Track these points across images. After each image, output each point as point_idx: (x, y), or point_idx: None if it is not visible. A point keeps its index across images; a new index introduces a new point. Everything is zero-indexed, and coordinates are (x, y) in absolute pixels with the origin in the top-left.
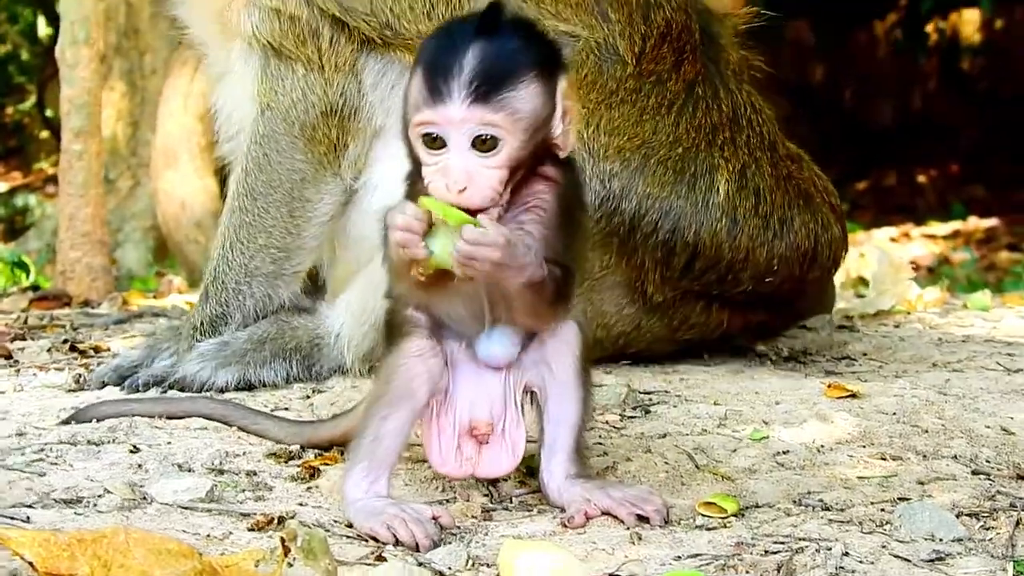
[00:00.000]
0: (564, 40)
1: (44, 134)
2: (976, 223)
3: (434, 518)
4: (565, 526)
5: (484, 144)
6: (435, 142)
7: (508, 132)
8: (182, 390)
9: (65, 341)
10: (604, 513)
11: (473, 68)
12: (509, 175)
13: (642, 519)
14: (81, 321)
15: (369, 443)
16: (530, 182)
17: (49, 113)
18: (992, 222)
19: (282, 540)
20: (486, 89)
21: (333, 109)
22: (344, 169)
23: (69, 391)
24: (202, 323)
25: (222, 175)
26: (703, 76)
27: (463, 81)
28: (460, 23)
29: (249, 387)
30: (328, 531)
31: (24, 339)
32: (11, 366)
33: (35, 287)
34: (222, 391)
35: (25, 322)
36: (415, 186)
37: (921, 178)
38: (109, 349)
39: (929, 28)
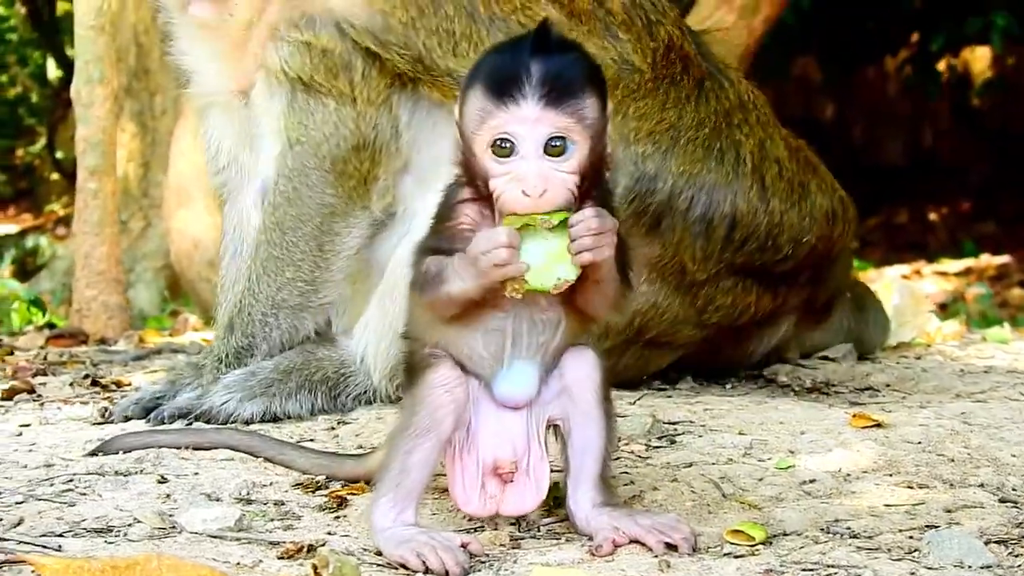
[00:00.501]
0: None
1: (54, 176)
2: (988, 260)
3: (463, 545)
4: (593, 554)
5: (555, 149)
6: (504, 149)
7: (579, 137)
8: (208, 421)
9: (86, 376)
10: (632, 541)
11: (543, 74)
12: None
13: (670, 547)
14: (100, 358)
15: (396, 475)
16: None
17: (60, 155)
18: (1004, 259)
19: (314, 567)
20: (558, 94)
21: (365, 143)
22: (373, 202)
23: (94, 424)
24: (227, 355)
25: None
26: (708, 75)
27: (535, 85)
28: (512, 43)
29: (274, 419)
30: (358, 559)
31: (45, 374)
32: (35, 400)
33: (50, 325)
34: (248, 423)
35: (44, 359)
36: (446, 221)
37: (932, 215)
38: (131, 384)
39: (940, 65)
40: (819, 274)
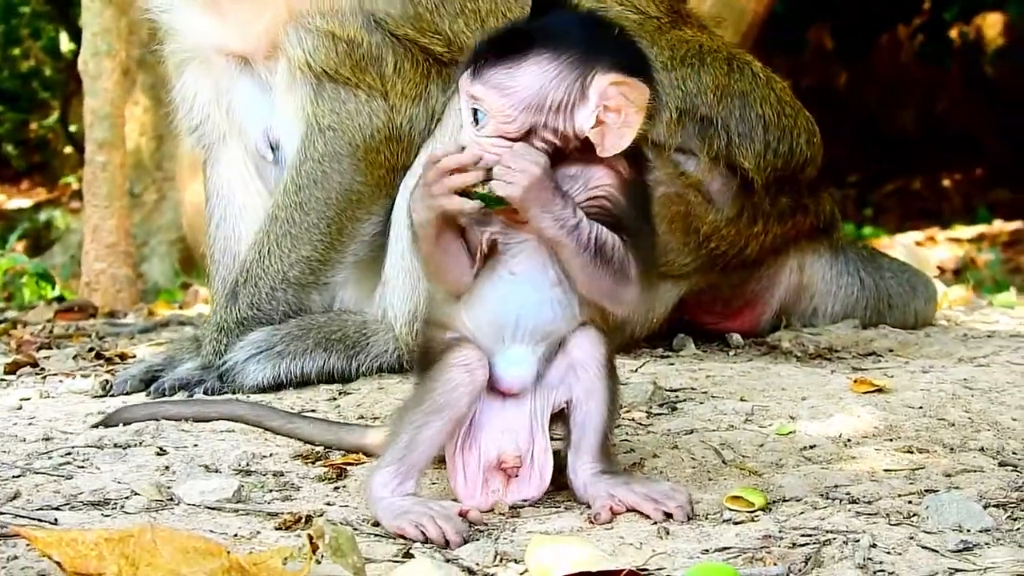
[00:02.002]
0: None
1: (68, 149)
2: (1001, 226)
3: (461, 514)
4: (592, 522)
5: (474, 117)
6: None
7: (492, 108)
8: (221, 381)
9: (91, 349)
10: (629, 509)
11: (484, 43)
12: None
13: (667, 515)
14: (107, 330)
15: (402, 448)
16: (590, 169)
17: (73, 128)
18: (1017, 224)
19: (310, 537)
20: (483, 65)
21: (399, 135)
22: (399, 191)
23: (95, 397)
24: (228, 324)
25: None
26: (699, 25)
27: (480, 53)
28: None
29: (290, 381)
30: (356, 529)
31: (50, 348)
32: (37, 373)
33: (60, 299)
34: (265, 383)
35: (51, 332)
36: None
37: (946, 182)
38: (135, 356)
39: (952, 32)
40: (816, 187)
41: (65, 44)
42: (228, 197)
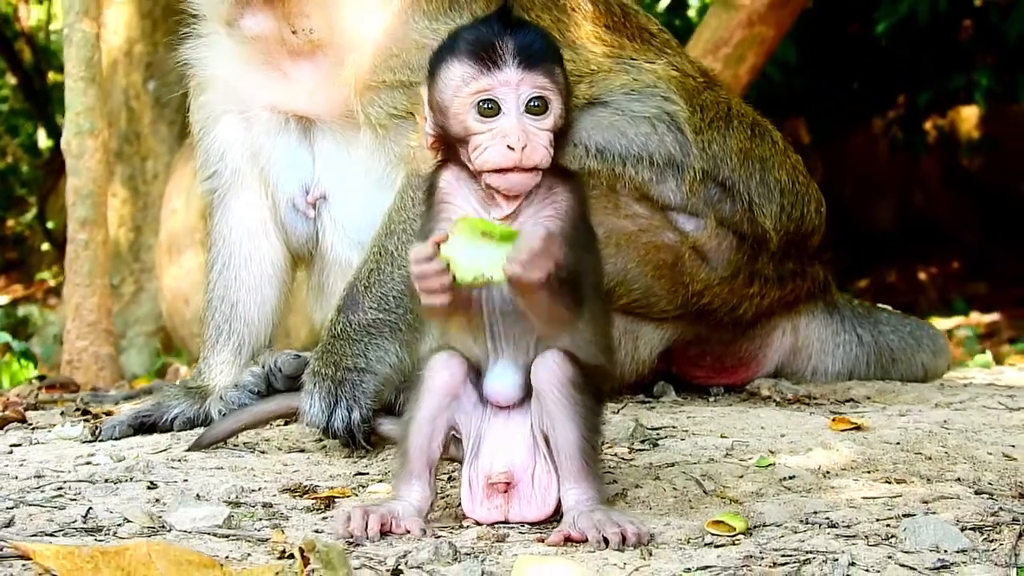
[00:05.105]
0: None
1: (45, 246)
2: (978, 318)
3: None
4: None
5: (536, 108)
6: (489, 110)
7: (554, 96)
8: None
9: (77, 409)
10: (583, 536)
11: (520, 43)
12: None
13: (605, 539)
14: (91, 399)
15: (399, 457)
16: (549, 178)
17: (50, 225)
18: (994, 317)
19: (301, 551)
20: (534, 59)
21: None
22: None
23: (84, 441)
24: (348, 332)
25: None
26: (726, 88)
27: (513, 52)
28: (479, 20)
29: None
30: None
31: (36, 409)
32: (27, 428)
33: (41, 377)
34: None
35: (36, 397)
36: (429, 196)
37: (922, 275)
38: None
39: (927, 125)
40: (816, 256)
41: (43, 141)
42: (236, 244)
